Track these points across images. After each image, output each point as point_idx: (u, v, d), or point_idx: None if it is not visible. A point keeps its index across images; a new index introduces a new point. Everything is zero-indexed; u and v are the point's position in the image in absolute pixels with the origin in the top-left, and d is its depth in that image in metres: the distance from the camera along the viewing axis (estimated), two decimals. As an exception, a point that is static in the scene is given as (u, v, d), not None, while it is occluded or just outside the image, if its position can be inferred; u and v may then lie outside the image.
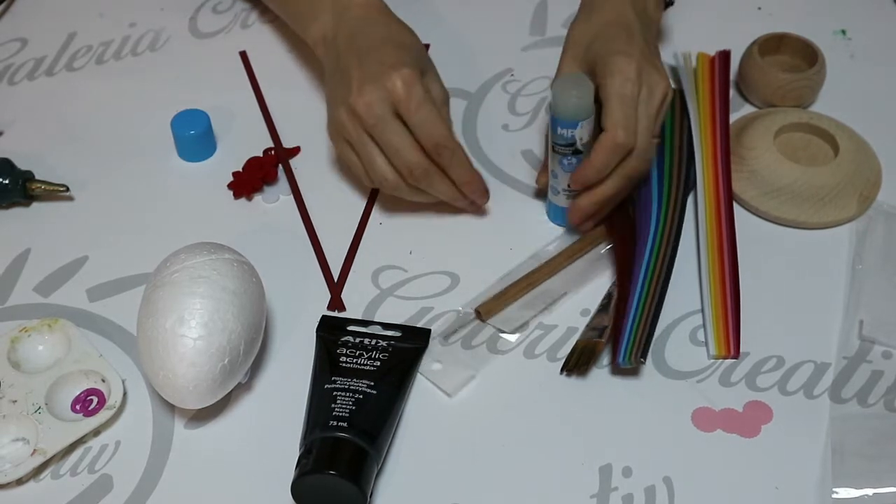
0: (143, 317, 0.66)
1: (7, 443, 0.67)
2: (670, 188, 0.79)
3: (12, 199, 0.81)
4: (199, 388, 0.65)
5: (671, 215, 0.77)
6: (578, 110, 0.72)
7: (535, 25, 0.96)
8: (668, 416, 0.69)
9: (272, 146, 0.86)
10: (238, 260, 0.68)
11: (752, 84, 0.88)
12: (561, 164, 0.76)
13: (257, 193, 0.82)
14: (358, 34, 0.77)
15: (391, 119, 0.74)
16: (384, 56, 0.75)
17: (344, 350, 0.70)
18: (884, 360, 0.72)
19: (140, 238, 0.79)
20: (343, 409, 0.65)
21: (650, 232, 0.76)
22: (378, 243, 0.79)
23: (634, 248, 0.75)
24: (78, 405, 0.69)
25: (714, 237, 0.77)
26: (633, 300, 0.72)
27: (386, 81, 0.73)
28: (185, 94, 0.89)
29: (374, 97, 0.73)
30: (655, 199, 0.78)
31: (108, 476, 0.66)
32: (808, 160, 0.83)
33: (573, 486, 0.66)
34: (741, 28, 0.93)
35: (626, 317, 0.71)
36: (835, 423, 0.68)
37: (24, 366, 0.71)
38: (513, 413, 0.69)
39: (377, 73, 0.74)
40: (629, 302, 0.72)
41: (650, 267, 0.74)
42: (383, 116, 0.73)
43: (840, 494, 0.65)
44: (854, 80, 0.91)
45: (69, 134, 0.87)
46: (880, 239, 0.79)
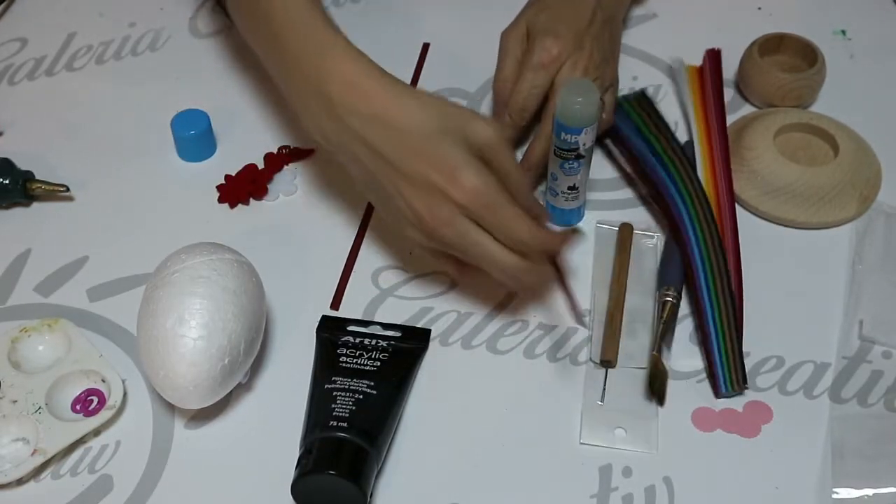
0: (144, 317, 0.66)
1: (7, 443, 0.67)
2: (685, 185, 0.79)
3: (12, 200, 0.81)
4: (199, 388, 0.65)
5: (701, 213, 0.77)
6: (583, 116, 0.72)
7: (535, 25, 0.96)
8: (668, 416, 0.69)
9: (286, 144, 0.86)
10: (238, 260, 0.68)
11: (751, 84, 0.88)
12: (562, 168, 0.76)
13: (242, 204, 0.82)
14: (372, 138, 0.68)
15: (472, 230, 0.67)
16: (429, 163, 0.66)
17: (344, 350, 0.70)
18: (884, 359, 0.72)
19: (140, 238, 0.79)
20: (343, 409, 0.65)
21: (688, 231, 0.76)
22: (378, 243, 0.79)
23: (684, 240, 0.75)
24: (78, 405, 0.69)
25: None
26: (707, 316, 0.72)
27: (451, 195, 0.66)
28: (185, 94, 0.89)
29: (449, 216, 0.66)
30: (676, 195, 0.78)
31: (108, 476, 0.66)
32: (807, 160, 0.83)
33: (573, 486, 0.66)
34: (741, 28, 0.93)
35: (709, 340, 0.71)
36: (835, 423, 0.68)
37: (24, 366, 0.71)
38: (513, 413, 0.69)
39: (435, 188, 0.66)
40: (704, 319, 0.72)
41: (708, 274, 0.74)
42: (464, 231, 0.67)
43: (840, 494, 0.65)
44: (854, 80, 0.91)
45: (69, 134, 0.87)
46: (880, 239, 0.79)
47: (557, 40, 0.79)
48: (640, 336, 0.73)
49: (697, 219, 0.77)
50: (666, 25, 0.96)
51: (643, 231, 0.79)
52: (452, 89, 0.91)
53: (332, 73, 0.69)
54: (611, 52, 0.83)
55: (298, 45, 0.72)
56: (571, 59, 0.79)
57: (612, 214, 0.81)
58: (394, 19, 0.97)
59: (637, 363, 0.72)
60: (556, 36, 0.79)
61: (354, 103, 0.68)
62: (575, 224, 0.80)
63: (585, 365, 0.72)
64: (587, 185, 0.78)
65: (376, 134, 0.68)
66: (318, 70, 0.70)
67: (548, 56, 0.79)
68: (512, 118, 0.81)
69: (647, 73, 0.91)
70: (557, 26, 0.79)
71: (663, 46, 0.94)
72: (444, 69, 0.92)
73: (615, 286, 0.75)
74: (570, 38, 0.79)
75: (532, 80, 0.79)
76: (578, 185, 0.77)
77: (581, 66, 0.79)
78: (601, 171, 0.84)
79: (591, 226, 0.80)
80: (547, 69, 0.79)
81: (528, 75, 0.79)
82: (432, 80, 0.91)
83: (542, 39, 0.79)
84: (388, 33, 0.95)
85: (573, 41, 0.79)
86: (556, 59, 0.78)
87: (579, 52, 0.79)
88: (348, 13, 0.98)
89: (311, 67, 0.70)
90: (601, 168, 0.84)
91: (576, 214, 0.80)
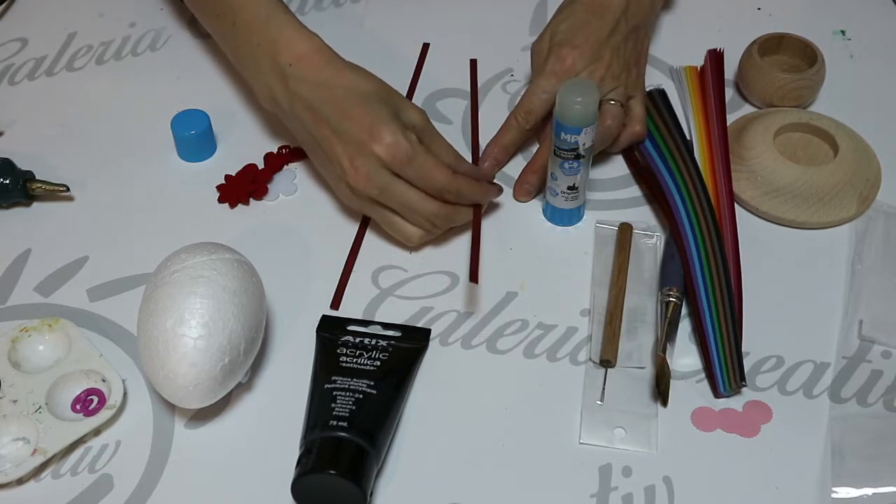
0: (144, 316, 0.66)
1: (7, 442, 0.67)
2: (687, 186, 0.79)
3: (13, 200, 0.81)
4: (200, 388, 0.65)
5: (701, 214, 0.77)
6: (583, 116, 0.72)
7: (535, 25, 0.96)
8: (668, 416, 0.69)
9: (286, 144, 0.86)
10: (238, 260, 0.68)
11: (751, 84, 0.88)
12: (562, 168, 0.76)
13: (242, 204, 0.82)
14: (316, 102, 0.75)
15: (393, 182, 0.74)
16: (356, 121, 0.73)
17: (344, 350, 0.70)
18: (883, 359, 0.72)
19: (140, 238, 0.79)
20: (343, 409, 0.65)
21: (687, 232, 0.76)
22: (378, 243, 0.79)
23: (681, 236, 0.76)
24: (78, 405, 0.69)
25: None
26: (705, 315, 0.72)
27: (371, 149, 0.72)
28: (185, 94, 0.89)
29: (368, 169, 0.73)
30: (677, 196, 0.79)
31: (108, 476, 0.66)
32: (807, 160, 0.83)
33: (573, 485, 0.66)
34: (741, 28, 0.93)
35: (707, 340, 0.71)
36: (834, 422, 0.68)
37: (24, 365, 0.71)
38: (512, 413, 0.69)
39: (359, 143, 0.73)
40: (702, 319, 0.72)
41: (707, 275, 0.74)
42: (384, 184, 0.73)
43: (839, 494, 0.65)
44: (853, 80, 0.91)
45: (69, 134, 0.87)
46: (880, 239, 0.79)
47: (573, 50, 0.79)
48: (640, 336, 0.73)
49: (697, 218, 0.77)
50: (666, 25, 0.96)
51: (643, 231, 0.79)
52: (452, 89, 0.91)
53: (288, 46, 0.76)
54: (634, 62, 0.83)
55: (251, 18, 0.79)
56: (588, 69, 0.79)
57: (611, 214, 0.81)
58: (394, 19, 0.97)
59: (636, 363, 0.72)
60: (572, 46, 0.80)
61: (305, 74, 0.75)
62: (575, 224, 0.81)
63: (585, 365, 0.72)
64: (587, 185, 0.78)
65: (320, 98, 0.75)
66: (274, 43, 0.77)
67: (561, 65, 0.80)
68: (517, 120, 0.82)
69: (647, 73, 0.91)
70: (576, 36, 0.80)
71: (663, 46, 0.94)
72: (444, 69, 0.92)
73: (615, 286, 0.75)
74: (588, 49, 0.79)
75: (542, 86, 0.80)
76: (578, 185, 0.77)
77: (597, 76, 0.79)
78: (601, 170, 0.84)
79: (591, 226, 0.80)
80: (559, 76, 0.79)
81: (539, 81, 0.81)
82: (432, 80, 0.91)
83: (559, 49, 0.80)
84: (388, 33, 0.95)
85: (590, 51, 0.79)
86: (570, 68, 0.79)
87: (597, 63, 0.79)
88: (348, 13, 0.98)
89: (266, 41, 0.77)
90: (601, 168, 0.84)
91: (576, 214, 0.80)
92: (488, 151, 0.83)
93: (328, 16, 0.97)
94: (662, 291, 0.73)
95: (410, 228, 0.76)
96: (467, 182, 0.75)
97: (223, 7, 0.81)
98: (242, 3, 0.79)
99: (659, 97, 0.86)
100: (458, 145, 0.83)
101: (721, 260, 0.75)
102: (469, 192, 0.75)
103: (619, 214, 0.81)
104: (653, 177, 0.81)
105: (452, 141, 0.78)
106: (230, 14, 0.80)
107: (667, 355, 0.68)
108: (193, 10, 0.88)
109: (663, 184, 0.79)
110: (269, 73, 0.77)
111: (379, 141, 0.72)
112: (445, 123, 0.87)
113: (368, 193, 0.74)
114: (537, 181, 0.81)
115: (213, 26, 0.84)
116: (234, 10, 0.80)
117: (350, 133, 0.73)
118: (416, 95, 0.90)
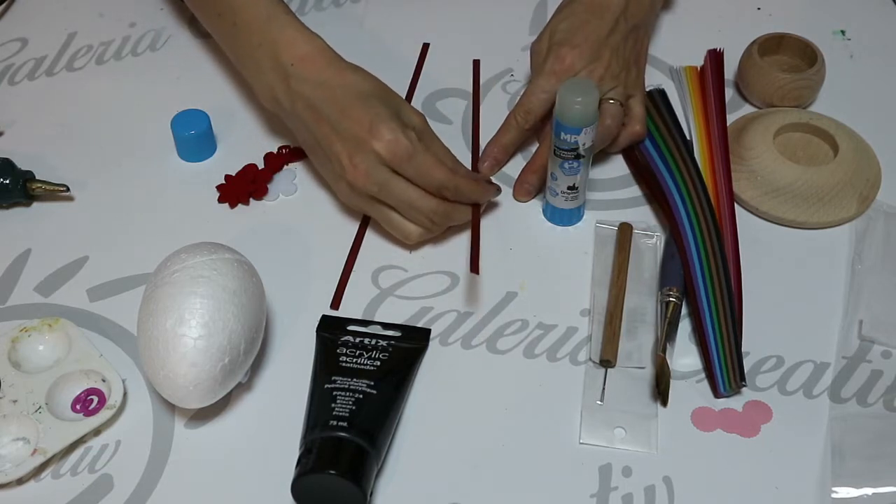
0: (144, 316, 0.66)
1: (7, 442, 0.67)
2: (687, 186, 0.79)
3: (13, 199, 0.81)
4: (200, 388, 0.65)
5: (701, 214, 0.77)
6: (583, 116, 0.72)
7: (535, 25, 0.96)
8: (668, 416, 0.69)
9: (286, 144, 0.86)
10: (238, 260, 0.68)
11: (751, 84, 0.88)
12: (561, 168, 0.76)
13: (242, 204, 0.82)
14: (316, 101, 0.75)
15: (392, 179, 0.74)
16: (356, 119, 0.73)
17: (344, 350, 0.70)
18: (883, 359, 0.72)
19: (140, 238, 0.79)
20: (343, 409, 0.65)
21: (687, 232, 0.76)
22: (378, 243, 0.79)
23: (681, 235, 0.76)
24: (78, 405, 0.69)
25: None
26: (705, 315, 0.72)
27: (371, 146, 0.73)
28: (185, 94, 0.89)
29: (367, 166, 0.73)
30: (677, 196, 0.78)
31: (108, 476, 0.66)
32: (807, 160, 0.83)
33: (573, 485, 0.66)
34: (741, 28, 0.93)
35: (707, 340, 0.71)
36: (834, 422, 0.68)
37: (24, 365, 0.71)
38: (512, 413, 0.69)
39: (358, 140, 0.73)
40: (702, 319, 0.72)
41: (707, 275, 0.74)
42: (383, 181, 0.74)
43: (839, 494, 0.65)
44: (853, 80, 0.91)
45: (69, 134, 0.87)
46: (880, 239, 0.79)
47: (573, 50, 0.79)
48: (640, 336, 0.73)
49: (697, 218, 0.77)
50: (666, 25, 0.96)
51: (643, 231, 0.79)
52: (452, 89, 0.91)
53: (290, 46, 0.77)
54: (634, 61, 0.83)
55: (252, 18, 0.79)
56: (587, 69, 0.79)
57: (611, 214, 0.81)
58: (394, 19, 0.97)
59: (636, 363, 0.72)
60: (571, 45, 0.80)
61: (307, 74, 0.76)
62: (575, 224, 0.81)
63: (585, 365, 0.72)
64: (587, 184, 0.78)
65: (321, 97, 0.75)
66: (276, 43, 0.77)
67: (560, 65, 0.80)
68: (517, 120, 0.82)
69: (647, 73, 0.91)
70: (575, 36, 0.80)
71: (663, 46, 0.94)
72: (444, 69, 0.92)
73: (615, 286, 0.75)
74: (587, 48, 0.79)
75: (541, 86, 0.80)
76: (578, 185, 0.77)
77: (597, 76, 0.79)
78: (601, 170, 0.84)
79: (591, 226, 0.80)
80: (558, 76, 0.79)
81: (539, 80, 0.81)
82: (432, 80, 0.91)
83: (558, 48, 0.80)
84: (388, 33, 0.95)
85: (590, 51, 0.79)
86: (569, 68, 0.79)
87: (596, 62, 0.79)
88: (348, 13, 0.98)
89: (267, 41, 0.78)
90: (601, 168, 0.84)
91: (576, 214, 0.80)
92: (488, 151, 0.83)
93: (328, 16, 0.98)
94: (662, 291, 0.73)
95: (409, 226, 0.76)
96: (466, 180, 0.75)
97: (224, 7, 0.81)
98: (243, 2, 0.80)
99: (659, 97, 0.86)
100: (458, 145, 0.84)
101: (721, 260, 0.75)
102: (468, 191, 0.76)
103: (619, 214, 0.81)
104: (653, 177, 0.81)
105: (452, 141, 0.79)
106: (231, 14, 0.80)
107: (667, 355, 0.68)
108: (194, 10, 0.88)
109: (663, 184, 0.79)
110: (270, 73, 0.78)
111: (378, 138, 0.72)
112: (445, 123, 0.87)
113: (368, 191, 0.74)
114: (537, 181, 0.81)
115: (214, 26, 0.84)
116: (234, 10, 0.80)
117: (350, 131, 0.74)
118: (416, 95, 0.90)
